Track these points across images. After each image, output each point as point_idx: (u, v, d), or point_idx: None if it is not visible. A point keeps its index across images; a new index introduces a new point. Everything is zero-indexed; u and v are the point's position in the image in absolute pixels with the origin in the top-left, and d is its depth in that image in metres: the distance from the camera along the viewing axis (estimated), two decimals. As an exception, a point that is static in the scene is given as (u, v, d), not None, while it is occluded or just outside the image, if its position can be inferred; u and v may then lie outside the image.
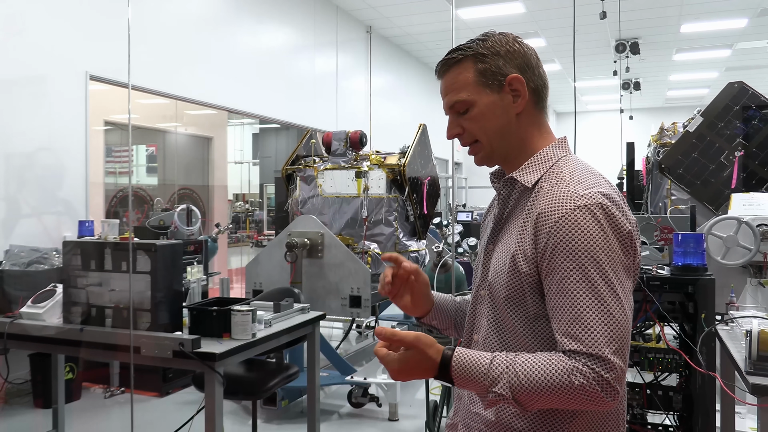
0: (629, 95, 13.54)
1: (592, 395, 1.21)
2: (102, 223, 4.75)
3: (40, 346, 3.35)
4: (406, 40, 12.15)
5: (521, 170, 1.42)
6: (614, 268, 1.26)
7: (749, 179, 4.55)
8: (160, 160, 9.81)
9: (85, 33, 5.72)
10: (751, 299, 3.50)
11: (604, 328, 1.22)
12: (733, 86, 4.69)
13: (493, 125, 1.42)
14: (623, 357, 1.22)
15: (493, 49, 1.42)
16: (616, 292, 1.25)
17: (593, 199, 1.28)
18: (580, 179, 1.34)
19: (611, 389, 1.20)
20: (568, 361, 1.22)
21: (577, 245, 1.25)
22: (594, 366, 1.21)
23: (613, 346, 1.21)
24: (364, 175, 5.12)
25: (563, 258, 1.26)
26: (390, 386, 4.61)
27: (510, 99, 1.41)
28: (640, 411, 3.08)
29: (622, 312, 1.24)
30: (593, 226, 1.26)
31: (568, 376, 1.21)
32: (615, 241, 1.27)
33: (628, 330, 1.25)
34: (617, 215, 1.28)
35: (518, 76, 1.40)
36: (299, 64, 9.26)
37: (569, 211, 1.27)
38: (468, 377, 1.29)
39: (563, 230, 1.27)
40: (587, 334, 1.22)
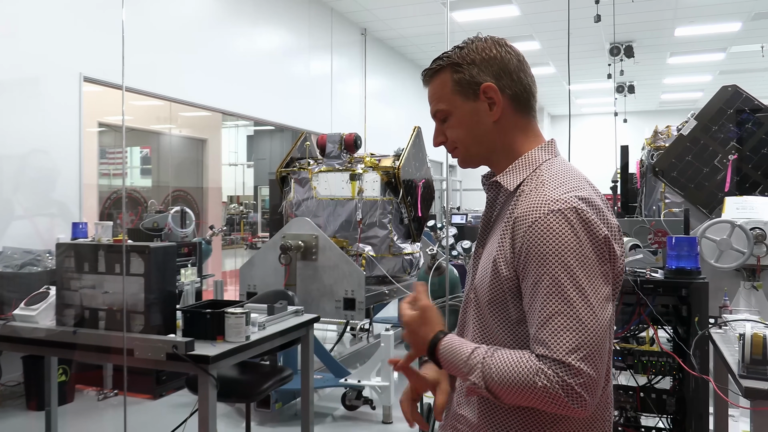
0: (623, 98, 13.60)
1: (556, 399, 1.20)
2: (96, 225, 4.75)
3: (33, 348, 3.33)
4: (400, 43, 12.16)
5: (505, 174, 1.43)
6: (587, 273, 1.25)
7: (743, 182, 4.56)
8: (154, 161, 9.80)
9: (78, 34, 5.70)
10: (745, 302, 3.51)
11: (571, 334, 1.21)
12: (727, 90, 4.70)
13: (470, 133, 1.45)
14: (593, 363, 1.20)
15: (468, 58, 1.43)
16: (587, 297, 1.23)
17: (568, 204, 1.27)
18: (559, 183, 1.33)
19: (576, 395, 1.19)
20: (537, 362, 1.22)
21: (548, 250, 1.25)
22: (558, 371, 1.20)
23: (580, 352, 1.20)
24: (358, 177, 5.12)
25: (535, 263, 1.26)
26: (384, 389, 4.61)
27: (486, 107, 1.43)
28: (633, 414, 3.09)
29: (593, 318, 1.22)
30: (566, 231, 1.25)
31: (533, 376, 1.21)
32: (589, 247, 1.26)
33: (599, 336, 1.22)
34: (593, 220, 1.27)
35: (491, 84, 1.41)
36: (294, 67, 9.26)
37: (543, 215, 1.27)
38: (450, 362, 1.34)
39: (536, 235, 1.27)
40: (553, 340, 1.21)
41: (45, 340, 3.16)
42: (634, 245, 3.33)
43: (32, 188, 5.39)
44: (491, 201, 1.49)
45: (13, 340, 3.22)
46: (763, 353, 2.23)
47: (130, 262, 2.96)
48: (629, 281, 2.89)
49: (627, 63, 11.20)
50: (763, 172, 4.52)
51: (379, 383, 4.62)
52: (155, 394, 5.08)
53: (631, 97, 13.75)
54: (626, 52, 10.90)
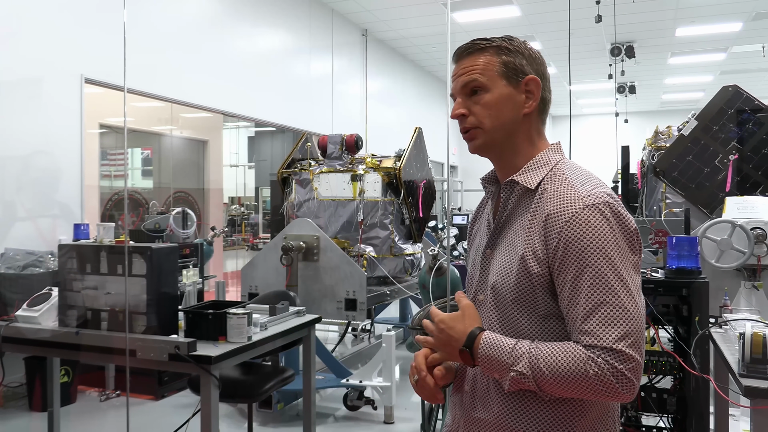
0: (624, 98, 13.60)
1: (607, 385, 1.24)
2: (98, 226, 4.75)
3: (36, 349, 3.34)
4: (401, 44, 12.17)
5: (522, 173, 1.45)
6: (625, 264, 1.30)
7: (743, 183, 4.56)
8: (156, 163, 9.80)
9: (79, 36, 5.72)
10: (745, 302, 3.51)
11: (619, 323, 1.26)
12: (728, 90, 4.70)
13: (500, 116, 1.45)
14: (639, 350, 1.26)
15: (518, 48, 1.47)
16: (629, 287, 1.28)
17: (600, 198, 1.32)
18: (583, 180, 1.38)
19: (626, 380, 1.24)
20: (585, 351, 1.26)
21: (589, 243, 1.29)
22: (608, 358, 1.24)
23: (628, 339, 1.25)
24: (359, 178, 5.12)
25: (575, 257, 1.30)
26: (385, 389, 4.62)
27: (523, 98, 1.45)
28: (634, 413, 3.09)
29: (635, 307, 1.28)
30: (603, 224, 1.30)
31: (583, 364, 1.25)
32: (623, 239, 1.31)
33: (642, 324, 1.28)
34: (624, 214, 1.33)
35: (536, 78, 1.45)
36: (295, 68, 9.27)
37: (579, 210, 1.31)
38: (491, 356, 1.34)
39: (575, 229, 1.31)
40: (602, 330, 1.26)
41: (47, 341, 3.17)
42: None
43: (34, 190, 5.40)
44: (503, 202, 1.48)
45: (15, 341, 3.23)
46: (763, 352, 2.23)
47: (132, 263, 2.97)
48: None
49: (628, 63, 11.20)
50: (763, 172, 4.52)
51: (381, 384, 4.62)
52: (158, 394, 5.09)
53: (632, 97, 13.75)
54: (627, 52, 10.90)
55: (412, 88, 13.38)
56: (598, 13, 7.88)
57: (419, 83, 13.77)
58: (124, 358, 2.89)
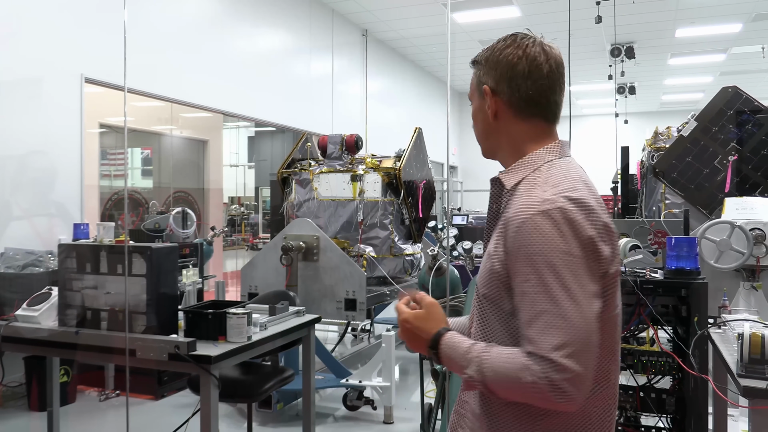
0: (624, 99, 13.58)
1: (542, 394, 1.24)
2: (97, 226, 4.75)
3: (36, 349, 3.34)
4: (401, 44, 12.17)
5: (507, 172, 1.48)
6: (573, 272, 1.27)
7: (743, 183, 4.56)
8: (156, 163, 9.81)
9: (80, 35, 5.72)
10: (744, 303, 3.51)
11: (557, 331, 1.24)
12: (727, 91, 4.70)
13: (477, 127, 1.57)
14: (579, 360, 1.23)
15: (482, 58, 1.53)
16: (574, 295, 1.26)
17: (555, 204, 1.31)
18: (552, 184, 1.36)
19: (561, 391, 1.22)
20: (525, 358, 1.27)
21: (534, 249, 1.29)
22: (544, 367, 1.23)
23: (566, 349, 1.23)
24: (359, 178, 5.13)
25: (523, 262, 1.31)
26: (385, 389, 4.62)
27: (486, 107, 1.51)
28: (633, 414, 3.10)
29: (579, 315, 1.25)
30: (552, 232, 1.29)
31: (521, 371, 1.26)
32: (576, 246, 1.29)
33: (586, 333, 1.25)
34: (578, 220, 1.30)
35: (486, 87, 1.50)
36: (295, 68, 9.28)
37: (530, 216, 1.31)
38: (449, 357, 1.40)
39: (523, 234, 1.31)
40: (540, 337, 1.25)
41: (47, 341, 3.18)
42: (634, 246, 3.34)
43: (33, 189, 5.40)
44: (494, 197, 1.54)
45: (15, 340, 3.23)
46: (761, 352, 2.24)
47: (132, 262, 2.97)
48: (629, 281, 2.90)
49: (628, 64, 11.19)
50: (763, 173, 4.52)
51: (381, 383, 4.63)
52: (157, 394, 5.09)
53: (632, 98, 13.74)
54: (627, 53, 10.89)
55: (412, 88, 13.38)
56: (598, 13, 7.89)
57: (419, 83, 13.77)
58: (124, 358, 2.89)
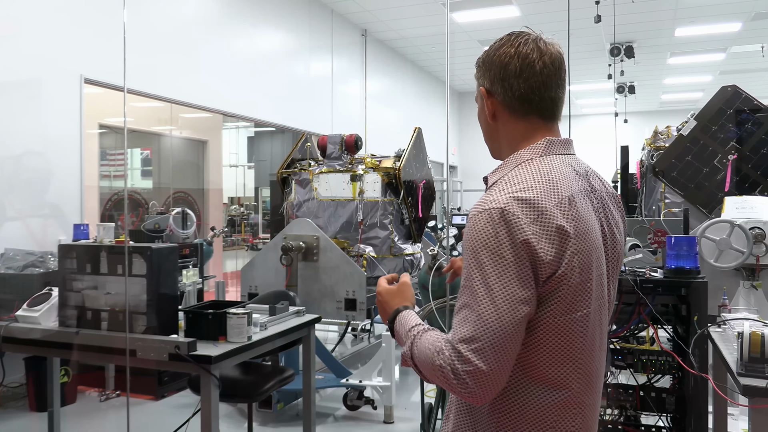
0: (624, 99, 13.59)
1: (446, 379, 1.29)
2: (97, 226, 4.76)
3: (36, 349, 3.34)
4: (401, 44, 12.17)
5: (494, 171, 1.51)
6: (499, 273, 1.28)
7: (742, 182, 4.56)
8: (155, 163, 9.81)
9: (79, 36, 5.72)
10: (744, 302, 3.51)
11: (470, 325, 1.28)
12: (727, 90, 4.70)
13: (482, 128, 1.60)
14: (484, 357, 1.25)
15: (479, 60, 1.55)
16: (493, 296, 1.27)
17: (498, 204, 1.31)
18: (511, 183, 1.35)
19: (462, 381, 1.26)
20: (443, 344, 1.32)
21: (469, 246, 1.34)
22: (452, 354, 1.28)
23: (472, 344, 1.27)
24: (359, 178, 5.13)
25: (465, 255, 1.37)
26: (385, 389, 4.62)
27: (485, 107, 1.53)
28: (633, 413, 3.10)
29: (495, 315, 1.27)
30: (487, 230, 1.31)
31: (435, 354, 1.31)
32: (508, 248, 1.28)
33: (498, 334, 1.26)
34: (516, 222, 1.28)
35: (482, 89, 1.52)
36: (294, 68, 9.28)
37: (475, 214, 1.35)
38: (398, 333, 1.50)
39: (467, 231, 1.37)
40: (456, 327, 1.31)
41: (48, 341, 3.18)
42: (634, 245, 3.34)
43: (33, 190, 5.40)
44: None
45: (15, 341, 3.23)
46: (761, 351, 2.25)
47: (132, 263, 2.98)
48: (629, 280, 2.91)
49: (627, 63, 11.19)
50: (762, 172, 4.52)
51: (381, 383, 4.63)
52: (157, 394, 5.09)
53: (632, 97, 13.75)
54: (626, 52, 10.90)
55: (411, 88, 13.38)
56: (597, 13, 7.89)
57: (419, 83, 13.78)
58: (124, 358, 2.89)
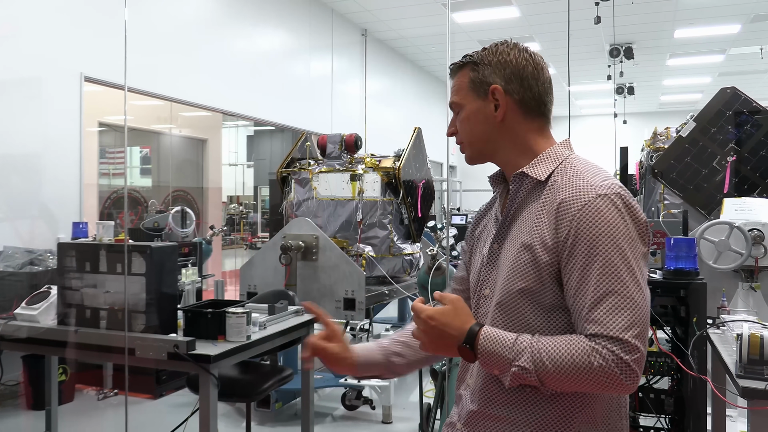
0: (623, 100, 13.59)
1: (611, 376, 1.23)
2: (97, 224, 4.76)
3: (34, 347, 3.34)
4: (401, 44, 12.17)
5: (531, 166, 1.46)
6: (635, 255, 1.30)
7: (741, 184, 4.57)
8: (155, 161, 9.80)
9: (79, 34, 5.72)
10: (743, 303, 3.51)
11: (626, 312, 1.25)
12: (726, 92, 4.71)
13: (475, 129, 1.52)
14: (644, 341, 1.26)
15: (485, 59, 1.50)
16: (637, 278, 1.29)
17: (612, 189, 1.34)
18: (594, 172, 1.40)
19: (630, 371, 1.23)
20: (589, 342, 1.26)
21: (600, 232, 1.30)
22: (614, 348, 1.23)
23: (634, 329, 1.25)
24: (358, 178, 5.13)
25: (586, 244, 1.30)
26: (384, 389, 4.62)
27: (492, 107, 1.48)
28: (632, 414, 3.10)
29: (643, 298, 1.28)
30: (615, 214, 1.31)
31: (587, 356, 1.24)
32: (634, 230, 1.32)
33: (647, 315, 1.28)
34: (635, 205, 1.34)
35: (498, 86, 1.47)
36: (294, 67, 9.27)
37: (592, 199, 1.32)
38: (492, 351, 1.32)
39: (586, 217, 1.31)
40: (609, 319, 1.25)
41: (46, 340, 3.17)
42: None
43: (32, 188, 5.40)
44: (513, 193, 1.49)
45: (14, 339, 3.23)
46: (760, 353, 2.25)
47: (132, 261, 2.97)
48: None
49: (627, 64, 11.20)
50: (761, 173, 4.53)
51: (379, 383, 4.63)
52: (155, 393, 5.09)
53: (631, 98, 13.75)
54: (626, 53, 10.90)
55: (411, 88, 13.38)
56: (597, 14, 7.89)
57: (419, 83, 13.77)
58: (123, 357, 2.89)
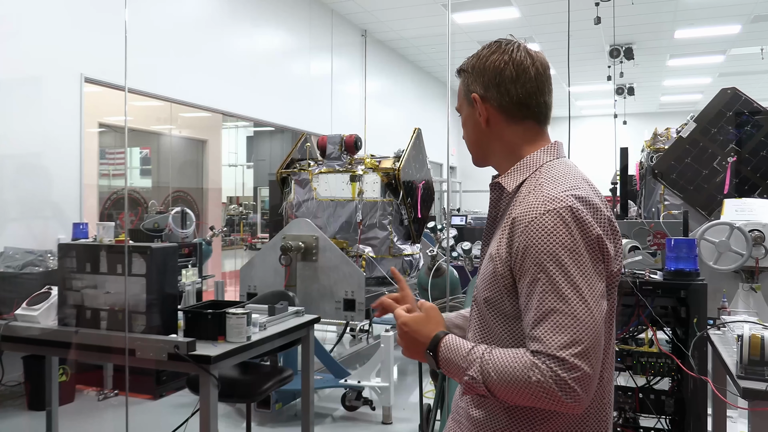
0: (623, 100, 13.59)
1: (549, 393, 1.22)
2: (97, 225, 4.75)
3: (35, 348, 3.34)
4: (401, 44, 12.17)
5: (506, 175, 1.48)
6: (581, 270, 1.28)
7: (741, 185, 4.57)
8: (155, 162, 9.80)
9: (79, 35, 5.72)
10: (743, 304, 3.51)
11: (567, 330, 1.24)
12: (726, 92, 4.71)
13: (469, 135, 1.57)
14: (588, 359, 1.23)
15: (469, 66, 1.53)
16: (583, 294, 1.26)
17: (563, 203, 1.31)
18: (557, 183, 1.37)
19: (569, 389, 1.21)
20: (531, 357, 1.25)
21: (544, 248, 1.29)
22: (552, 365, 1.22)
23: (575, 348, 1.22)
24: (358, 178, 5.13)
25: (531, 261, 1.30)
26: (384, 390, 4.62)
27: (477, 114, 1.51)
28: (632, 415, 3.10)
29: (588, 314, 1.25)
30: (560, 230, 1.29)
31: (527, 371, 1.24)
32: (582, 245, 1.29)
33: (595, 332, 1.25)
34: (586, 219, 1.31)
35: (475, 95, 1.49)
36: (294, 68, 9.28)
37: (539, 215, 1.31)
38: (449, 359, 1.37)
39: (532, 234, 1.31)
40: (548, 336, 1.24)
41: (47, 340, 3.17)
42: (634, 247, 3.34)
43: (33, 189, 5.40)
44: (494, 202, 1.54)
45: (14, 340, 3.23)
46: (760, 354, 2.24)
47: (132, 262, 2.97)
48: (628, 282, 2.90)
49: (627, 65, 11.20)
50: (761, 174, 4.53)
51: (379, 384, 4.63)
52: (156, 394, 5.09)
53: (631, 99, 13.75)
54: (626, 54, 10.91)
55: (411, 88, 13.38)
56: (597, 14, 7.89)
57: (419, 84, 13.77)
58: (123, 358, 2.89)
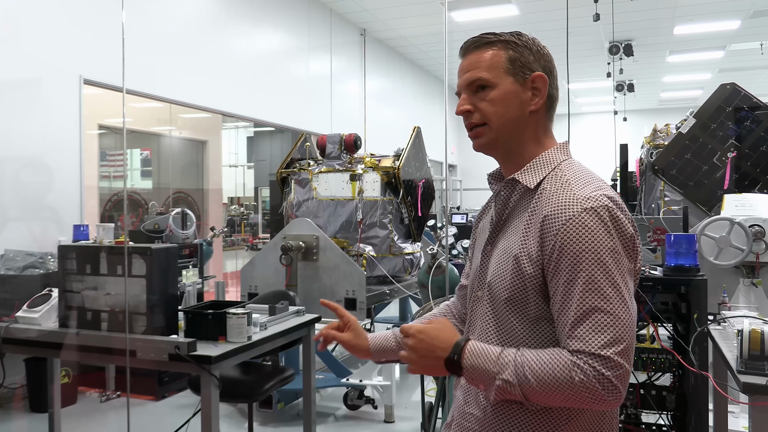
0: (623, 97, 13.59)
1: (593, 392, 1.22)
2: (97, 227, 4.76)
3: (36, 350, 3.35)
4: (400, 43, 12.17)
5: (523, 172, 1.43)
6: (620, 270, 1.28)
7: (742, 180, 4.56)
8: (155, 163, 9.81)
9: (78, 37, 5.72)
10: (744, 299, 3.51)
11: (609, 329, 1.24)
12: (726, 88, 4.70)
13: (507, 113, 1.43)
14: (627, 358, 1.24)
15: (526, 44, 1.44)
16: (622, 294, 1.26)
17: (600, 202, 1.30)
18: (584, 182, 1.36)
19: (612, 387, 1.22)
20: (571, 357, 1.24)
21: (584, 247, 1.27)
22: (595, 364, 1.22)
23: (617, 346, 1.23)
24: (358, 178, 5.13)
25: (571, 260, 1.28)
26: (386, 388, 4.62)
27: (529, 95, 1.43)
28: (633, 411, 3.10)
29: (627, 314, 1.26)
30: (600, 229, 1.28)
31: (569, 371, 1.23)
32: (620, 244, 1.29)
33: (632, 331, 1.26)
34: (622, 219, 1.31)
35: (543, 75, 1.43)
36: (293, 67, 9.27)
37: (577, 213, 1.29)
38: (477, 366, 1.31)
39: (571, 232, 1.28)
40: (591, 335, 1.24)
41: (48, 342, 3.17)
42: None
43: (33, 191, 5.40)
44: (504, 199, 1.47)
45: (15, 342, 3.23)
46: (761, 349, 2.24)
47: (132, 263, 2.97)
48: (628, 279, 2.90)
49: (626, 61, 11.20)
50: (761, 169, 4.53)
51: (381, 383, 4.63)
52: (158, 395, 5.09)
53: (631, 95, 13.74)
54: (625, 50, 10.90)
55: (410, 87, 13.38)
56: (596, 11, 7.89)
57: (418, 82, 13.77)
58: (125, 359, 2.89)
